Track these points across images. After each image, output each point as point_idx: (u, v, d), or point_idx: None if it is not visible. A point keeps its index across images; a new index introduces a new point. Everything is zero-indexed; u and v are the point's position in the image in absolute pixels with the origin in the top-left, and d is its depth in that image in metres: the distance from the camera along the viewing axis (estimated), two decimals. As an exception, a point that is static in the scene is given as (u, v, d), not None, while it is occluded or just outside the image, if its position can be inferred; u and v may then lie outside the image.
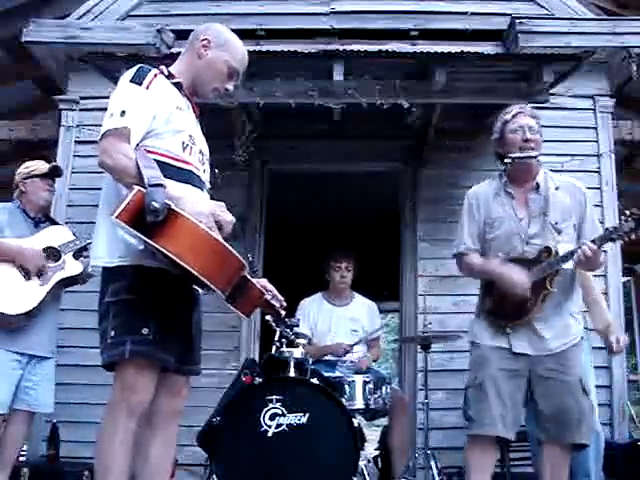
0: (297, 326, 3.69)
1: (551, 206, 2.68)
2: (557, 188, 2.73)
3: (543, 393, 2.60)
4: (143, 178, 1.81)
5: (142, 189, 1.77)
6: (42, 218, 3.37)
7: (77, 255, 3.26)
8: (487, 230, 2.74)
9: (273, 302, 2.06)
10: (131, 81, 2.02)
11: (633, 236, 2.49)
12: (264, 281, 2.15)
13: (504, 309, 2.66)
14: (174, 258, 1.73)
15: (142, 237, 1.74)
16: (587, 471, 3.08)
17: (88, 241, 3.09)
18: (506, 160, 2.68)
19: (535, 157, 2.70)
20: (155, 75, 2.05)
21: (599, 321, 3.32)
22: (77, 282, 3.31)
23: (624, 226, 2.48)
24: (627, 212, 2.48)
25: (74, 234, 3.34)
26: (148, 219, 1.72)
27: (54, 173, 3.41)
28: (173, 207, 1.77)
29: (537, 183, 2.73)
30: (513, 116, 2.73)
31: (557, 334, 2.62)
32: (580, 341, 2.70)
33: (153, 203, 1.72)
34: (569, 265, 2.62)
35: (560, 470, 2.62)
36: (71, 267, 3.21)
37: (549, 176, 2.78)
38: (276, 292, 2.16)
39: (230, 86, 2.23)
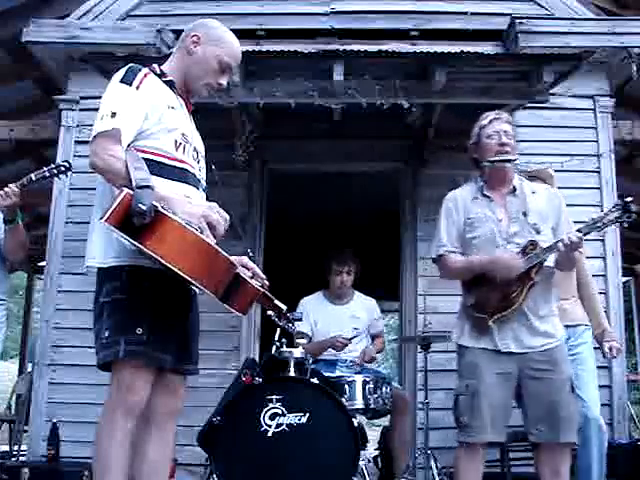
0: (300, 320, 3.69)
1: (529, 209, 2.73)
2: (533, 192, 2.80)
3: (533, 393, 2.61)
4: (131, 180, 1.80)
5: (130, 191, 1.77)
6: None
7: None
8: (467, 229, 2.76)
9: (254, 280, 2.03)
10: (121, 81, 2.01)
11: (617, 224, 2.61)
12: (244, 259, 2.11)
13: (489, 301, 2.66)
14: (161, 260, 1.73)
15: (129, 240, 1.74)
16: (589, 471, 3.08)
17: None
18: (484, 163, 2.75)
19: (512, 161, 2.75)
20: (145, 75, 2.05)
21: (595, 325, 3.34)
22: None
23: (609, 215, 2.57)
24: (614, 202, 2.58)
25: None
26: (135, 221, 1.72)
27: None
28: (160, 209, 1.76)
29: (514, 186, 2.78)
30: (489, 122, 2.80)
31: (542, 332, 2.65)
32: (563, 342, 2.74)
33: (140, 205, 1.72)
34: (550, 261, 2.67)
35: (561, 471, 2.61)
36: None
37: (525, 181, 2.85)
38: (257, 270, 2.12)
39: (223, 81, 2.22)
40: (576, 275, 3.34)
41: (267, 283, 2.13)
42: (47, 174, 3.24)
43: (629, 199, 2.56)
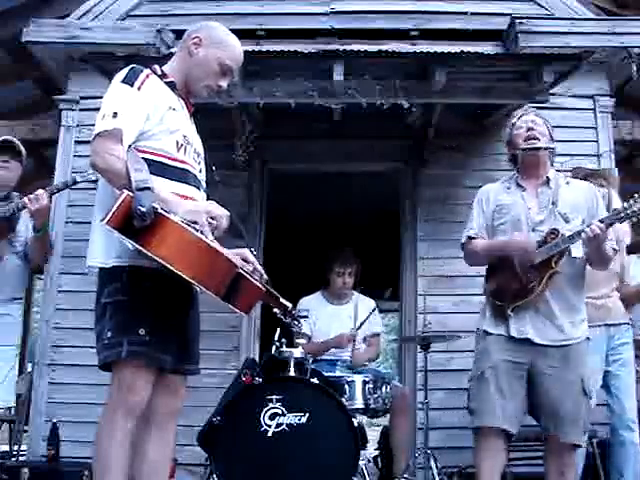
0: (305, 317, 3.68)
1: (560, 198, 2.73)
2: (568, 183, 2.81)
3: (542, 388, 2.60)
4: (131, 182, 1.80)
5: (131, 193, 1.77)
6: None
7: None
8: (495, 217, 2.80)
9: (254, 275, 2.03)
10: (122, 82, 2.02)
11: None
12: (246, 252, 2.11)
13: (507, 289, 2.66)
14: (162, 262, 1.73)
15: (130, 242, 1.75)
16: (622, 470, 3.08)
17: None
18: (516, 153, 2.79)
19: (542, 148, 2.77)
20: (147, 76, 2.05)
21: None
22: None
23: (633, 206, 2.51)
24: (636, 194, 2.52)
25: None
26: (135, 223, 1.73)
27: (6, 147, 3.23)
28: (160, 211, 1.76)
29: (547, 177, 2.80)
30: (518, 118, 2.88)
31: (561, 328, 2.62)
32: (585, 343, 2.69)
33: (140, 207, 1.72)
34: (578, 253, 2.64)
35: (566, 472, 2.61)
36: None
37: (561, 174, 2.88)
38: (257, 264, 2.13)
39: (224, 83, 2.22)
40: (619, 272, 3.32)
41: (266, 277, 2.13)
42: (72, 182, 3.19)
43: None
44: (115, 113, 1.95)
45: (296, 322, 2.78)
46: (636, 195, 2.51)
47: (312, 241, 6.73)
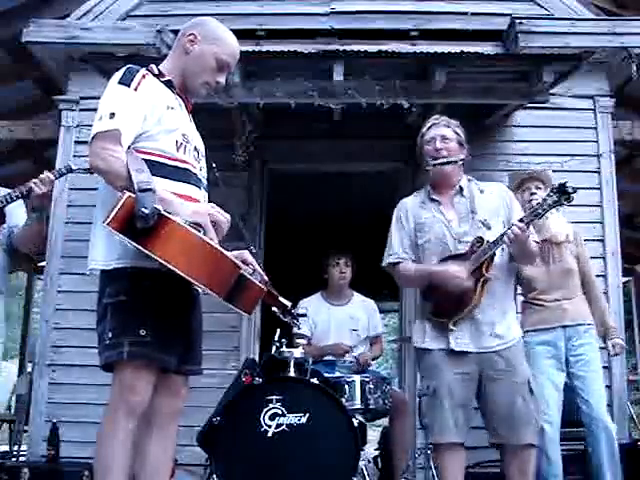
0: (304, 316, 3.68)
1: (478, 206, 2.76)
2: (482, 191, 2.83)
3: (493, 394, 2.63)
4: (133, 183, 1.80)
5: (132, 194, 1.77)
6: None
7: None
8: (418, 235, 2.80)
9: (254, 277, 2.04)
10: (119, 83, 2.01)
11: (557, 207, 2.64)
12: (245, 254, 2.11)
13: (446, 307, 2.69)
14: (164, 263, 1.73)
15: (133, 243, 1.74)
16: (601, 470, 3.07)
17: None
18: (427, 168, 2.81)
19: (449, 163, 2.78)
20: (144, 76, 2.04)
21: (599, 322, 3.33)
22: None
23: (547, 200, 2.58)
24: (550, 188, 2.62)
25: None
26: (138, 225, 1.72)
27: None
28: (163, 212, 1.76)
29: (460, 187, 2.82)
30: (428, 128, 2.86)
31: (498, 331, 2.66)
32: (520, 341, 2.76)
33: (142, 209, 1.72)
34: (502, 256, 2.69)
35: (526, 470, 2.63)
36: None
37: (473, 181, 2.88)
38: (257, 266, 2.13)
39: (221, 79, 2.20)
40: (580, 273, 3.32)
41: (266, 279, 2.13)
42: (69, 169, 3.13)
43: (564, 181, 2.57)
44: (112, 114, 1.94)
45: (295, 321, 2.78)
46: (549, 191, 2.60)
47: (312, 241, 6.73)
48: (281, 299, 2.14)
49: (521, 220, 2.59)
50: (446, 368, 2.64)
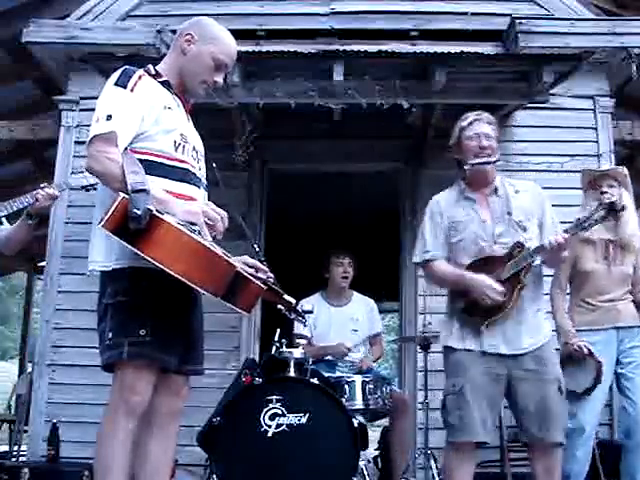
0: (311, 312, 3.68)
1: (514, 207, 2.73)
2: (517, 191, 2.79)
3: (523, 394, 2.61)
4: (127, 184, 1.80)
5: (126, 196, 1.76)
6: None
7: None
8: (452, 233, 2.76)
9: (259, 275, 2.03)
10: (115, 84, 2.01)
11: (602, 223, 2.67)
12: (245, 258, 2.12)
13: (479, 306, 2.65)
14: (158, 265, 1.73)
15: (127, 245, 1.74)
16: (635, 475, 3.06)
17: (2, 213, 2.88)
18: (465, 167, 2.75)
19: (493, 162, 2.74)
20: (140, 77, 2.04)
21: None
22: None
23: (594, 215, 2.57)
24: (599, 201, 2.63)
25: None
26: (131, 226, 1.72)
27: None
28: (155, 213, 1.76)
29: (495, 187, 2.78)
30: (469, 123, 2.78)
31: (530, 332, 2.65)
32: (551, 340, 2.74)
33: (135, 210, 1.72)
34: (537, 261, 2.67)
35: (553, 470, 2.62)
36: None
37: (506, 181, 2.84)
38: (259, 264, 2.14)
39: (219, 79, 2.20)
40: (632, 279, 3.27)
41: (272, 276, 2.14)
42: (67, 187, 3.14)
43: (614, 199, 2.57)
44: (109, 116, 1.94)
45: (301, 318, 2.78)
46: (596, 204, 2.59)
47: (312, 241, 6.74)
48: (285, 296, 2.14)
49: (566, 231, 2.58)
50: (473, 366, 2.62)
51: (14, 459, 4.74)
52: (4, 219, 3.02)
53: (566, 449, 2.77)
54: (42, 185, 2.93)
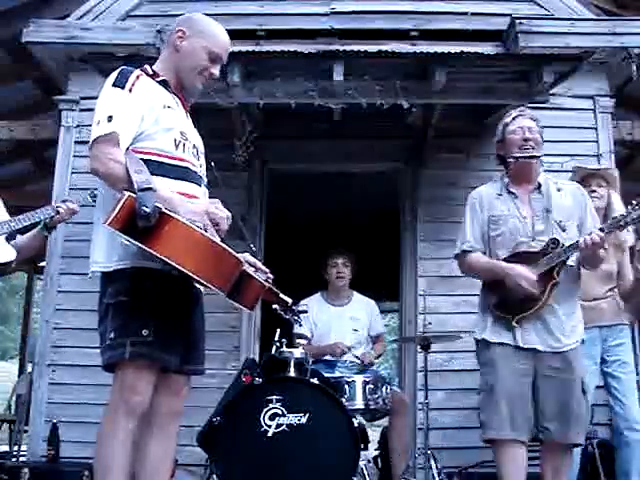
0: (306, 312, 3.69)
1: (554, 206, 2.72)
2: (559, 190, 2.79)
3: (546, 392, 2.61)
4: (133, 183, 1.80)
5: (132, 194, 1.77)
6: None
7: (9, 238, 2.93)
8: (491, 227, 2.77)
9: (258, 274, 2.04)
10: (113, 85, 2.02)
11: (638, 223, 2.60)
12: (247, 256, 2.12)
13: (512, 301, 2.65)
14: (168, 261, 1.73)
15: (135, 242, 1.74)
16: (629, 474, 3.06)
17: (24, 223, 2.89)
18: (509, 159, 2.75)
19: (537, 157, 2.75)
20: (137, 77, 2.05)
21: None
22: (6, 272, 3.00)
23: (632, 213, 2.55)
24: (634, 201, 2.54)
25: (10, 214, 3.05)
26: (140, 224, 1.72)
27: None
28: (164, 210, 1.76)
29: (539, 183, 2.78)
30: (513, 118, 2.82)
31: (565, 332, 2.65)
32: (581, 344, 2.72)
33: (144, 208, 1.72)
34: (572, 260, 2.66)
35: (562, 470, 2.63)
36: (1, 253, 2.87)
37: (549, 179, 2.84)
38: (260, 264, 2.15)
39: (215, 71, 2.20)
40: (617, 270, 3.29)
41: (271, 276, 2.14)
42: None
43: None
44: (110, 117, 1.95)
45: (297, 317, 2.79)
46: (634, 202, 2.54)
47: (312, 241, 6.74)
48: (282, 296, 2.14)
49: (601, 229, 2.57)
50: (504, 364, 2.62)
51: (14, 459, 4.74)
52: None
53: None
54: (64, 199, 2.94)
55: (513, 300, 2.65)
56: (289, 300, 2.16)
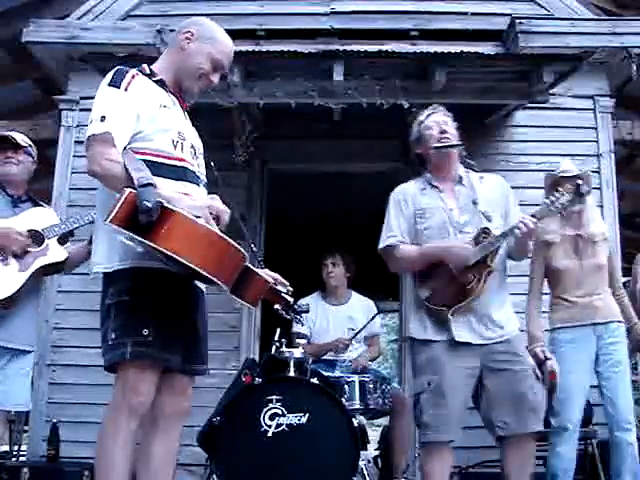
0: (307, 312, 3.69)
1: (479, 197, 2.74)
2: (481, 178, 2.82)
3: (497, 385, 2.57)
4: (133, 180, 1.79)
5: (133, 190, 1.76)
6: (23, 197, 3.02)
7: (62, 241, 2.96)
8: (418, 220, 2.75)
9: (279, 288, 2.05)
10: (109, 85, 2.02)
11: (569, 209, 2.73)
12: (267, 271, 2.14)
13: (445, 295, 2.63)
14: (173, 256, 1.71)
15: (138, 238, 1.72)
16: (620, 474, 3.04)
17: (75, 225, 2.91)
18: (430, 152, 2.77)
19: (457, 145, 2.77)
20: (133, 76, 2.04)
21: (626, 319, 3.29)
22: (60, 270, 2.99)
23: (560, 199, 2.58)
24: (560, 188, 2.64)
25: (60, 217, 3.09)
26: (142, 219, 1.70)
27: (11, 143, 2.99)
28: (166, 204, 1.75)
29: (460, 176, 2.80)
30: (427, 116, 2.84)
31: (498, 323, 2.63)
32: (520, 336, 2.74)
33: (145, 203, 1.70)
34: (503, 245, 2.67)
35: (527, 464, 2.59)
36: (54, 253, 2.89)
37: (469, 171, 2.86)
38: (279, 277, 2.15)
39: (215, 79, 2.20)
40: (609, 270, 3.28)
41: (291, 289, 2.15)
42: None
43: (579, 181, 2.60)
44: (103, 117, 1.95)
45: (298, 317, 2.78)
46: (561, 189, 2.61)
47: (312, 241, 6.73)
48: (283, 295, 2.14)
49: (533, 215, 2.57)
50: (448, 361, 2.58)
51: (14, 459, 4.73)
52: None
53: (550, 446, 2.79)
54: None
55: (447, 291, 2.62)
56: (290, 299, 2.16)
